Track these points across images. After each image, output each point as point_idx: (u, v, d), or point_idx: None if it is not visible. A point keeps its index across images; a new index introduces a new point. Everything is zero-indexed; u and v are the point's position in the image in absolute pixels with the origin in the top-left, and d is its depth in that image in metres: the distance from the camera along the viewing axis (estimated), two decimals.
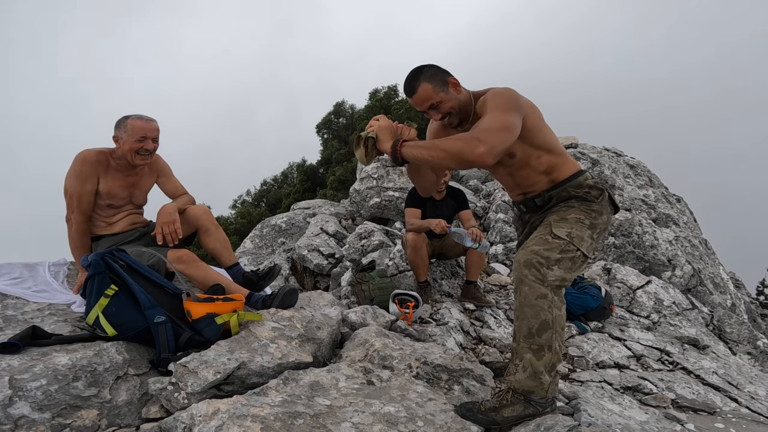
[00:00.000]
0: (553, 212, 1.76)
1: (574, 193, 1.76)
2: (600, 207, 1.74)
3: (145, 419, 1.55)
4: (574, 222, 1.68)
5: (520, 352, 1.60)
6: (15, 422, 1.33)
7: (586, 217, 1.70)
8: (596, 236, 1.70)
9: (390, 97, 19.07)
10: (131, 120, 2.29)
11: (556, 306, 1.57)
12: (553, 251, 1.60)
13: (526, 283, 1.59)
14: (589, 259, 1.68)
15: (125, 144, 2.27)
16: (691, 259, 4.71)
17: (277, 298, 2.19)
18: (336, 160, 17.76)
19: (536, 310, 1.56)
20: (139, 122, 2.29)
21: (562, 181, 1.78)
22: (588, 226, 1.68)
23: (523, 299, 1.59)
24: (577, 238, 1.63)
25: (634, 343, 3.19)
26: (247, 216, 17.53)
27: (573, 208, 1.73)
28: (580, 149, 6.21)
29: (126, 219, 2.44)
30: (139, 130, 2.28)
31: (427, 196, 3.59)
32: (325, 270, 4.56)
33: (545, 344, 1.56)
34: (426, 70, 1.71)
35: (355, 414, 1.48)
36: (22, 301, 2.00)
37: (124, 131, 2.27)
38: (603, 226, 1.74)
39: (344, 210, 6.22)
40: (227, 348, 1.72)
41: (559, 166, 1.79)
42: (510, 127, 1.55)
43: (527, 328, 1.57)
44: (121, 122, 2.30)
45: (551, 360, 1.57)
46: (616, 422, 1.92)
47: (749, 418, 2.36)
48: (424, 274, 3.43)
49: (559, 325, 1.57)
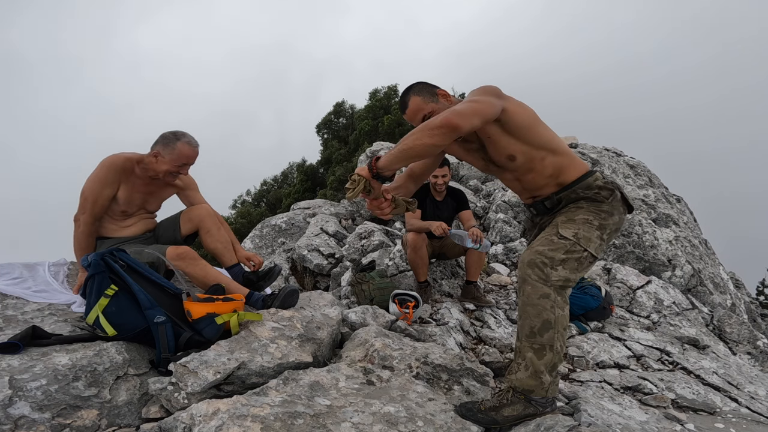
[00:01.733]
0: (562, 213, 1.75)
1: (583, 195, 1.74)
2: (610, 207, 1.72)
3: (145, 419, 1.55)
4: (581, 223, 1.67)
5: (522, 351, 1.60)
6: (15, 422, 1.33)
7: (594, 217, 1.68)
8: (606, 237, 1.69)
9: (390, 97, 19.07)
10: (181, 144, 2.25)
11: (559, 306, 1.57)
12: (558, 251, 1.60)
13: (529, 283, 1.59)
14: (597, 259, 1.67)
15: (164, 164, 2.25)
16: (691, 259, 4.71)
17: (278, 299, 2.19)
18: (336, 160, 17.77)
19: (538, 310, 1.56)
20: (188, 149, 2.26)
21: (570, 183, 1.76)
22: (596, 227, 1.67)
23: (526, 298, 1.59)
24: (584, 239, 1.63)
25: (634, 343, 3.19)
26: (247, 216, 17.54)
27: (582, 209, 1.71)
28: (580, 149, 6.21)
29: (138, 224, 2.43)
30: (185, 158, 2.26)
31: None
32: (325, 270, 4.56)
33: (547, 344, 1.56)
34: (414, 86, 1.83)
35: (355, 414, 1.48)
36: (22, 301, 2.00)
37: (170, 152, 2.24)
38: (614, 226, 1.72)
39: (344, 210, 6.22)
40: (227, 348, 1.72)
41: (566, 167, 1.77)
42: (478, 100, 1.59)
43: (529, 328, 1.57)
44: (170, 142, 2.25)
45: (552, 360, 1.57)
46: (616, 422, 1.92)
47: (749, 418, 2.36)
48: (424, 274, 3.43)
49: (561, 326, 1.57)
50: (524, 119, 1.71)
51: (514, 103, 1.71)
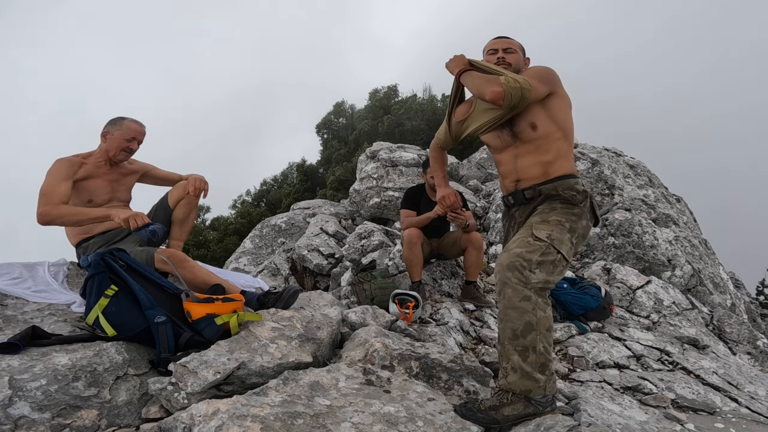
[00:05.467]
0: (537, 212, 1.81)
1: (561, 193, 1.80)
2: (581, 212, 1.78)
3: (145, 419, 1.55)
4: (554, 225, 1.72)
5: (506, 353, 1.62)
6: (15, 422, 1.33)
7: (566, 220, 1.73)
8: (575, 240, 1.74)
9: (390, 97, 19.06)
10: (128, 121, 2.52)
11: (540, 308, 1.59)
12: (534, 253, 1.64)
13: (509, 286, 1.61)
14: (569, 263, 1.71)
15: (115, 140, 2.46)
16: (691, 259, 4.71)
17: (281, 301, 2.18)
18: (336, 160, 17.76)
19: (520, 312, 1.58)
20: (134, 125, 2.53)
21: (555, 177, 1.83)
22: (568, 229, 1.71)
23: (507, 301, 1.61)
24: (557, 241, 1.67)
25: (634, 343, 3.19)
26: (246, 216, 17.52)
27: (555, 210, 1.77)
28: (580, 149, 6.20)
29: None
30: (133, 131, 2.51)
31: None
32: (325, 270, 4.56)
33: (530, 345, 1.58)
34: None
35: (355, 414, 1.48)
36: (22, 301, 2.00)
37: (119, 129, 2.48)
38: (582, 231, 1.77)
39: (344, 210, 6.22)
40: (227, 348, 1.72)
41: (562, 159, 1.85)
42: (532, 84, 1.75)
43: (511, 330, 1.60)
44: (117, 121, 2.51)
45: (538, 360, 1.58)
46: (616, 422, 1.92)
47: (749, 418, 2.36)
48: (418, 273, 3.36)
49: (543, 327, 1.59)
50: (559, 104, 1.85)
51: (558, 87, 1.87)
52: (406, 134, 13.89)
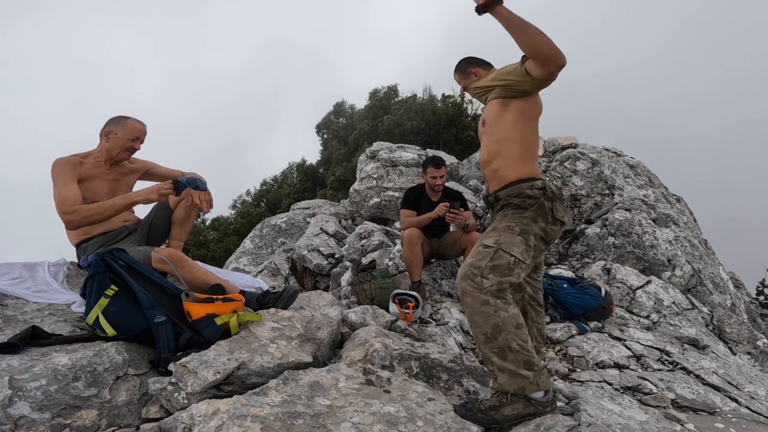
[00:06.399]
0: (494, 220, 1.88)
1: (511, 201, 1.84)
2: (534, 214, 1.79)
3: (145, 419, 1.55)
4: (503, 230, 1.77)
5: (487, 357, 1.67)
6: (15, 422, 1.33)
7: (516, 224, 1.77)
8: (534, 242, 1.77)
9: (390, 97, 19.06)
10: (131, 121, 2.50)
11: (502, 309, 1.64)
12: (484, 260, 1.70)
13: (468, 294, 1.68)
14: (527, 264, 1.74)
15: (118, 140, 2.44)
16: (691, 259, 4.71)
17: (281, 301, 2.18)
18: (336, 160, 17.74)
19: (485, 317, 1.64)
20: (137, 124, 2.50)
21: (507, 183, 1.87)
22: (518, 232, 1.75)
23: (470, 309, 1.68)
24: (506, 244, 1.71)
25: (633, 343, 3.19)
26: (246, 216, 17.51)
27: (506, 216, 1.82)
28: (579, 149, 6.20)
29: (117, 216, 2.43)
30: (137, 131, 2.49)
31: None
32: (325, 270, 4.56)
33: (504, 346, 1.62)
34: (459, 62, 2.15)
35: (355, 414, 1.48)
36: (22, 301, 2.00)
37: (122, 128, 2.46)
38: (540, 232, 1.79)
39: (344, 210, 6.22)
40: (227, 348, 1.72)
41: (515, 165, 1.87)
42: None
43: (482, 335, 1.65)
44: (120, 120, 2.49)
45: (518, 358, 1.61)
46: (616, 422, 1.92)
47: (749, 418, 2.36)
48: (418, 273, 3.36)
49: (511, 326, 1.63)
50: (529, 105, 1.85)
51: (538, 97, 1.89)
52: (406, 134, 13.87)
